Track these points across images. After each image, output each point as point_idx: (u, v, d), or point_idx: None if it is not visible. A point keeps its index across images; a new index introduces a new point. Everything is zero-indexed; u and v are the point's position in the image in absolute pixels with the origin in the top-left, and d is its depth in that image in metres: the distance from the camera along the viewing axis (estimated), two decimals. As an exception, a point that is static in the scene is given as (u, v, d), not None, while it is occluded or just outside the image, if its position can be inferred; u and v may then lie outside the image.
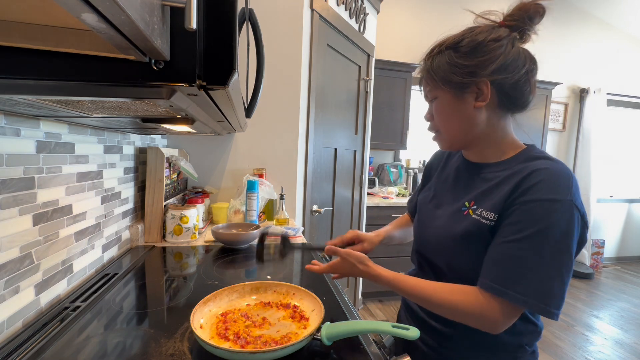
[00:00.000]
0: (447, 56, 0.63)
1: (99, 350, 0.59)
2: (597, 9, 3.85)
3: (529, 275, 0.54)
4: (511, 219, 0.57)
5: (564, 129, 4.02)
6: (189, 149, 1.70)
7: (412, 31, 3.36)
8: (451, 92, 0.64)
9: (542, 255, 0.54)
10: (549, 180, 0.56)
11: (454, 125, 0.66)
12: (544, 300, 0.55)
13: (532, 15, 0.62)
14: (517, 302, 0.55)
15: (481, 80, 0.60)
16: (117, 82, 0.37)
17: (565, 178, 0.56)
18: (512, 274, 0.55)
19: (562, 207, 0.54)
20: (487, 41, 0.60)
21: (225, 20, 0.41)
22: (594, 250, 4.05)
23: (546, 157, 0.62)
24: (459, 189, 0.70)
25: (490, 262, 0.58)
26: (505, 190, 0.59)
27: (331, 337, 0.59)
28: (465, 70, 0.61)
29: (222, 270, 1.02)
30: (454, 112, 0.65)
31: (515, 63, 0.61)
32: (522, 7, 0.62)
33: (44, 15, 0.28)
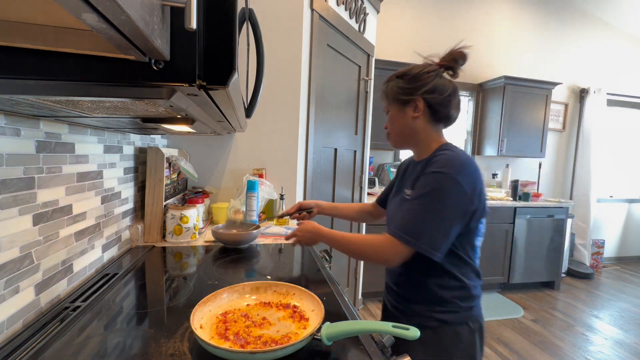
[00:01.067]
0: (396, 83, 0.90)
1: (99, 351, 0.59)
2: (597, 9, 3.85)
3: (411, 222, 0.78)
4: (414, 187, 0.82)
5: (564, 129, 4.02)
6: (189, 149, 1.70)
7: (412, 31, 3.36)
8: (397, 107, 0.90)
9: (423, 208, 0.77)
10: (440, 161, 0.80)
11: (398, 130, 0.92)
12: (416, 237, 0.76)
13: (457, 58, 0.88)
14: (400, 239, 0.77)
15: (417, 98, 0.87)
16: (117, 82, 0.37)
17: (454, 160, 0.78)
18: (403, 222, 0.79)
19: (443, 177, 0.77)
20: (421, 73, 0.87)
21: (225, 20, 0.41)
22: (594, 250, 4.05)
23: (451, 149, 0.83)
24: (405, 182, 0.94)
25: (397, 216, 0.84)
26: (418, 171, 0.86)
27: (331, 337, 0.59)
28: (406, 91, 0.88)
29: (222, 270, 1.02)
30: (399, 121, 0.91)
31: (440, 88, 0.86)
32: (451, 53, 0.88)
33: (44, 15, 0.28)
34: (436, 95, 0.86)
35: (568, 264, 3.78)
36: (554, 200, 3.41)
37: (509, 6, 3.63)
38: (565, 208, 3.27)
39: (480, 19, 3.55)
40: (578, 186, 4.02)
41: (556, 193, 4.10)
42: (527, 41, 3.74)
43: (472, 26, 3.53)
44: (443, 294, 0.83)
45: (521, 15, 3.69)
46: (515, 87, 3.30)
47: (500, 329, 2.54)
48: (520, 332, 2.50)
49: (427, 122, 0.89)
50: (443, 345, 0.82)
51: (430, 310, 0.84)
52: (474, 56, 3.59)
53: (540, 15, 3.75)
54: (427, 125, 0.89)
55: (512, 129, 3.35)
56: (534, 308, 2.93)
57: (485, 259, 3.11)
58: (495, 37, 3.63)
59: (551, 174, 4.05)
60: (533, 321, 2.69)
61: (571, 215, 3.61)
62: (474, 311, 0.85)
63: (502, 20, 3.63)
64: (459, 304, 0.83)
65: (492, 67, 3.65)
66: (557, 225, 3.27)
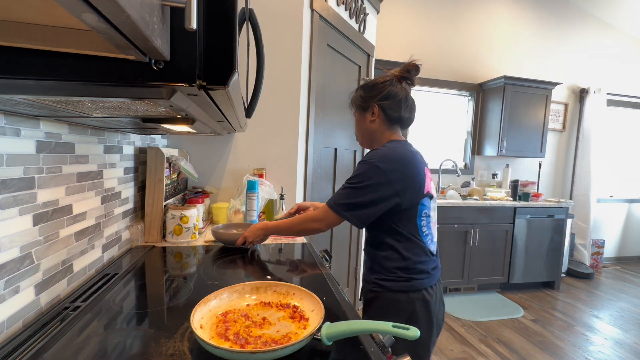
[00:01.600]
0: (359, 92, 1.09)
1: (99, 350, 0.59)
2: (597, 9, 3.85)
3: (340, 195, 0.98)
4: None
5: (564, 129, 4.02)
6: (189, 149, 1.70)
7: (412, 31, 3.36)
8: (359, 113, 1.09)
9: (349, 187, 0.97)
10: (370, 153, 0.99)
11: (361, 132, 1.11)
12: (342, 207, 0.96)
13: (410, 69, 1.04)
14: (330, 208, 0.98)
15: (372, 104, 1.04)
16: (117, 82, 0.37)
17: (379, 152, 0.97)
18: (335, 196, 0.99)
19: (366, 164, 0.95)
20: (377, 83, 1.05)
21: (225, 20, 0.41)
22: (594, 250, 4.05)
23: (387, 146, 1.00)
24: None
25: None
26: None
27: (331, 337, 0.59)
28: (365, 99, 1.06)
29: (222, 270, 1.02)
30: (361, 124, 1.10)
31: (393, 95, 1.03)
32: (405, 66, 1.04)
33: (44, 15, 0.28)
34: (389, 101, 1.03)
35: (568, 264, 3.78)
36: (554, 200, 3.41)
37: (508, 6, 3.63)
38: (565, 208, 3.27)
39: (480, 19, 3.55)
40: (578, 186, 4.02)
41: (556, 193, 4.10)
42: (527, 41, 3.74)
43: (472, 26, 3.53)
44: (386, 265, 0.98)
45: (521, 15, 3.69)
46: (515, 87, 3.30)
47: (500, 329, 2.54)
48: (520, 332, 2.50)
49: (382, 124, 1.05)
50: (381, 307, 0.98)
51: (377, 278, 0.99)
52: (474, 56, 3.59)
53: (540, 15, 3.75)
54: (383, 127, 1.06)
55: (512, 129, 3.35)
56: (534, 308, 2.93)
57: (485, 259, 3.11)
58: (495, 37, 3.63)
59: (551, 174, 4.05)
60: (533, 321, 2.69)
61: (571, 215, 3.61)
62: (414, 282, 0.96)
63: (502, 20, 3.63)
64: (399, 274, 0.96)
65: (492, 67, 3.66)
66: (557, 225, 3.27)
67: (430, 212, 1.01)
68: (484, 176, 3.73)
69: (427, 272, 0.98)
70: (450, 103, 3.65)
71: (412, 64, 1.03)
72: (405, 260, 0.96)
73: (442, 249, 2.98)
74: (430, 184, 1.04)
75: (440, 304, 1.03)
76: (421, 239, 0.98)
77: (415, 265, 0.97)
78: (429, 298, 0.97)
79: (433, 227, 1.03)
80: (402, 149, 0.99)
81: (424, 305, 0.96)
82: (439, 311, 1.01)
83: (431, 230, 1.02)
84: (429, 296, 0.97)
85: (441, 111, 3.64)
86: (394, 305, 0.96)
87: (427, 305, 0.97)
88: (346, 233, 2.44)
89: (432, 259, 1.01)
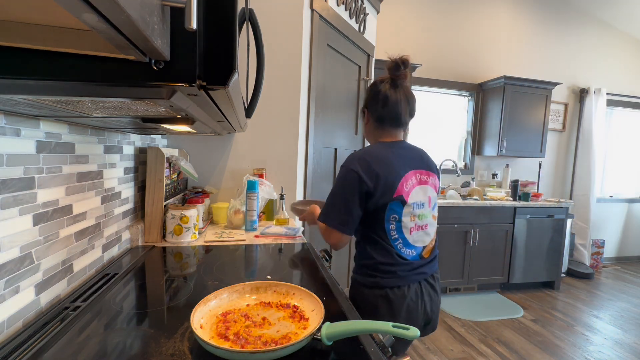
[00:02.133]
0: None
1: (99, 350, 0.59)
2: (597, 9, 3.85)
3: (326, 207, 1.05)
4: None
5: (564, 129, 4.02)
6: (189, 149, 1.70)
7: (412, 31, 3.36)
8: (361, 117, 1.18)
9: (331, 196, 1.05)
10: (347, 157, 1.05)
11: (365, 135, 1.20)
12: (329, 217, 1.03)
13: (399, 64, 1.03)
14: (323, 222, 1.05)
15: (364, 109, 1.14)
16: (117, 82, 0.37)
17: (354, 155, 1.03)
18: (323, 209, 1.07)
19: (344, 169, 1.02)
20: (367, 89, 1.13)
21: (225, 20, 0.41)
22: (594, 250, 4.05)
23: (365, 148, 1.07)
24: None
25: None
26: None
27: (331, 337, 0.59)
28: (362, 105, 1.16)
29: (222, 270, 1.02)
30: (363, 128, 1.19)
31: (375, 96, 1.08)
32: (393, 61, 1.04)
33: (44, 15, 0.28)
34: (373, 103, 1.08)
35: (568, 264, 3.78)
36: (554, 200, 3.41)
37: (509, 6, 3.63)
38: (565, 208, 3.27)
39: (480, 19, 3.55)
40: (578, 186, 4.02)
41: (556, 193, 4.10)
42: (527, 41, 3.74)
43: (472, 26, 3.53)
44: (358, 260, 1.08)
45: (521, 15, 3.69)
46: (515, 87, 3.30)
47: (500, 329, 2.54)
48: (520, 332, 2.50)
49: (371, 127, 1.12)
50: (352, 296, 1.07)
51: (353, 270, 1.10)
52: (474, 56, 3.59)
53: (540, 15, 3.75)
54: (372, 130, 1.12)
55: (512, 129, 3.35)
56: (533, 308, 2.93)
57: (485, 259, 3.11)
58: (495, 37, 3.63)
59: (551, 174, 4.05)
60: (533, 321, 2.69)
61: (571, 215, 3.61)
62: (377, 280, 1.01)
63: (502, 20, 3.63)
64: (365, 271, 1.04)
65: (492, 67, 3.66)
66: (557, 225, 3.27)
67: (403, 217, 1.00)
68: (484, 176, 3.73)
69: (393, 273, 1.01)
70: (450, 103, 3.65)
71: (401, 58, 1.02)
72: (371, 260, 1.02)
73: (442, 249, 2.97)
74: (413, 190, 1.02)
75: (416, 305, 1.02)
76: (389, 243, 1.00)
77: (379, 265, 1.01)
78: (393, 297, 1.00)
79: (409, 232, 1.02)
80: (377, 149, 1.04)
81: (386, 302, 1.00)
82: (411, 311, 1.02)
83: (403, 235, 1.01)
84: (393, 295, 1.00)
85: (441, 111, 3.64)
86: (360, 297, 1.04)
87: (390, 303, 1.00)
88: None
89: (401, 261, 1.01)
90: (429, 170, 1.09)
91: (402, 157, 1.03)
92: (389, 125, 1.07)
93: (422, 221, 1.04)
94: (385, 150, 1.03)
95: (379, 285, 1.00)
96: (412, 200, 1.01)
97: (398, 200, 0.99)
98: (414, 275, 1.03)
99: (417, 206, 1.03)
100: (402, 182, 1.00)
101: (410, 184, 1.02)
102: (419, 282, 1.04)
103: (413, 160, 1.05)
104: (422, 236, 1.05)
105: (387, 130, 1.08)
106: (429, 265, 1.07)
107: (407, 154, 1.06)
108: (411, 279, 1.02)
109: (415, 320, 1.03)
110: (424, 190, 1.05)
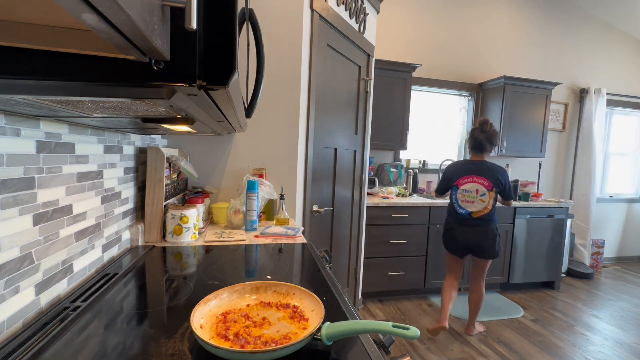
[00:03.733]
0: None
1: (99, 350, 0.59)
2: (597, 9, 3.85)
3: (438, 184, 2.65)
4: None
5: (564, 129, 4.02)
6: (189, 149, 1.70)
7: (412, 31, 3.36)
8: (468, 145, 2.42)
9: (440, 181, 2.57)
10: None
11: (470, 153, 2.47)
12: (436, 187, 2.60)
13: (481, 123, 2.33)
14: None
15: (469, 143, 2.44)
16: (117, 82, 0.37)
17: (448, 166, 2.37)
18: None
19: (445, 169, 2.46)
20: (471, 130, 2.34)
21: (225, 21, 0.41)
22: (594, 250, 4.05)
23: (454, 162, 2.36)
24: None
25: None
26: None
27: (331, 337, 0.59)
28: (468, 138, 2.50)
29: (222, 270, 1.02)
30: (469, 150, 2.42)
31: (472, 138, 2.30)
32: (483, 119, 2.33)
33: (44, 15, 0.28)
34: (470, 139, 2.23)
35: (568, 264, 3.78)
36: (554, 200, 3.41)
37: (509, 6, 3.63)
38: (565, 208, 3.27)
39: (480, 18, 3.55)
40: (578, 186, 4.02)
41: (556, 193, 4.10)
42: (527, 41, 3.74)
43: (472, 26, 3.53)
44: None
45: (521, 15, 3.69)
46: (515, 87, 3.31)
47: (500, 328, 2.54)
48: (520, 332, 2.50)
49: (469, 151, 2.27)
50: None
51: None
52: (474, 56, 3.59)
53: (540, 15, 3.75)
54: (470, 152, 2.28)
55: (512, 129, 3.35)
56: (534, 308, 2.94)
57: (485, 259, 3.11)
58: (495, 37, 3.63)
59: (551, 174, 4.05)
60: (533, 321, 2.69)
61: (571, 215, 3.61)
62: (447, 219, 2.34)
63: (502, 20, 3.63)
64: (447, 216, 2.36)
65: (492, 67, 3.66)
66: (557, 225, 3.27)
67: (458, 194, 2.23)
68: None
69: (450, 216, 2.31)
70: (450, 103, 3.65)
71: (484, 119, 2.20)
72: (448, 209, 2.34)
73: (442, 249, 2.98)
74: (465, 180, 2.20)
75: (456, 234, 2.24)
76: (452, 204, 2.28)
77: (448, 212, 2.34)
78: (448, 226, 2.32)
79: (459, 202, 2.22)
80: (458, 163, 2.28)
81: (444, 227, 2.36)
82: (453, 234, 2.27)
83: (458, 202, 2.22)
84: (447, 225, 2.33)
85: (441, 111, 3.64)
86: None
87: (445, 227, 2.35)
88: (346, 233, 2.45)
89: (454, 214, 2.26)
90: (483, 176, 2.16)
91: (468, 169, 2.21)
92: (476, 151, 2.23)
93: (469, 198, 2.19)
94: (461, 164, 2.25)
95: (447, 221, 2.34)
96: (463, 188, 2.21)
97: (456, 186, 2.24)
98: (459, 221, 2.24)
99: (465, 191, 2.20)
100: (460, 179, 2.22)
101: (464, 181, 2.20)
102: (462, 226, 2.22)
103: (473, 170, 2.19)
104: (467, 205, 2.19)
105: (474, 154, 2.25)
106: (475, 220, 2.18)
107: (472, 167, 2.19)
108: (457, 219, 2.25)
109: (455, 243, 2.26)
110: (473, 185, 2.18)
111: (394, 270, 2.89)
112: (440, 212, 2.94)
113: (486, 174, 2.13)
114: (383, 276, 2.87)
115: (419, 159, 3.57)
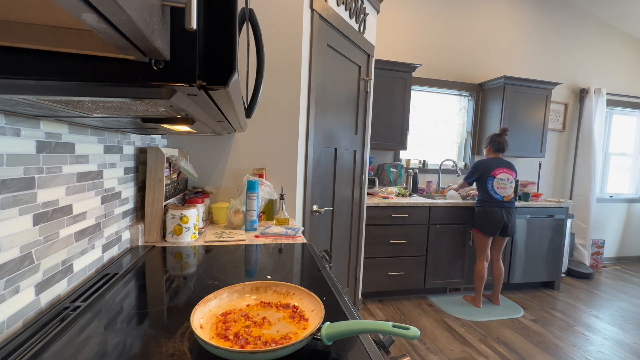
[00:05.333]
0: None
1: (99, 350, 0.59)
2: (597, 9, 3.85)
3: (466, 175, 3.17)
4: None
5: (564, 129, 4.02)
6: (189, 149, 1.70)
7: (412, 31, 3.36)
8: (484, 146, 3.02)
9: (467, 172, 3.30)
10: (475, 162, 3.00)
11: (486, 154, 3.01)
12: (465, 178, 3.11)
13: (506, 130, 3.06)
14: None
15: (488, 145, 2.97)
16: (117, 82, 0.37)
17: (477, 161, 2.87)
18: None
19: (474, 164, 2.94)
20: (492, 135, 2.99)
21: (225, 20, 0.41)
22: (594, 250, 4.05)
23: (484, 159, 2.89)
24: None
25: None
26: None
27: (331, 337, 0.59)
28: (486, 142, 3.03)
29: (222, 270, 1.02)
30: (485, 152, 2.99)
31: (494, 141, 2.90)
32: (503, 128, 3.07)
33: (44, 15, 0.28)
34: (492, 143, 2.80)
35: (568, 264, 3.78)
36: (554, 200, 3.41)
37: (508, 6, 3.63)
38: (565, 208, 3.27)
39: (480, 19, 3.55)
40: (578, 186, 4.02)
41: (556, 193, 4.10)
42: (527, 41, 3.74)
43: (472, 26, 3.53)
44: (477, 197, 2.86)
45: (521, 15, 3.69)
46: (515, 87, 3.31)
47: (500, 328, 2.54)
48: (520, 332, 2.50)
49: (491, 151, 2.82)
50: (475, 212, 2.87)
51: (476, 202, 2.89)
52: (474, 56, 3.59)
53: (540, 15, 3.75)
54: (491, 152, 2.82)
55: (512, 129, 3.35)
56: (533, 308, 2.94)
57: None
58: (495, 37, 3.63)
59: (551, 174, 4.05)
60: (533, 321, 2.69)
61: (571, 215, 3.61)
62: (483, 203, 2.78)
63: (502, 20, 3.63)
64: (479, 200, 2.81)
65: (492, 67, 3.66)
66: (557, 225, 3.27)
67: (494, 182, 2.69)
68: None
69: (487, 201, 2.72)
70: (450, 103, 3.65)
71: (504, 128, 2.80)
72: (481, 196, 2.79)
73: (442, 249, 2.98)
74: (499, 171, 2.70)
75: (496, 214, 2.68)
76: (486, 192, 2.73)
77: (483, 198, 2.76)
78: (487, 208, 2.72)
79: (495, 188, 2.69)
80: (487, 159, 2.77)
81: (483, 210, 2.74)
82: (493, 215, 2.69)
83: (494, 189, 2.69)
84: (487, 208, 2.72)
85: (441, 111, 3.64)
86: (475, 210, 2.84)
87: (485, 209, 2.73)
88: (346, 233, 2.45)
89: (492, 198, 2.71)
90: (510, 169, 2.72)
91: (499, 163, 2.71)
92: (498, 151, 2.77)
93: (503, 185, 2.68)
94: (491, 160, 2.75)
95: (482, 205, 2.75)
96: (499, 177, 2.68)
97: (492, 176, 2.68)
98: (496, 204, 2.69)
99: (500, 179, 2.67)
100: (496, 170, 2.69)
101: (499, 171, 2.69)
102: (500, 208, 2.68)
103: (503, 164, 2.70)
104: (501, 191, 2.68)
105: (496, 153, 2.78)
106: (507, 203, 2.69)
107: (501, 162, 2.71)
108: (495, 204, 2.70)
109: (493, 222, 2.69)
110: (505, 174, 2.68)
111: (394, 270, 2.89)
112: (440, 212, 2.94)
113: (511, 167, 2.74)
114: (383, 276, 2.87)
115: (419, 159, 3.57)
